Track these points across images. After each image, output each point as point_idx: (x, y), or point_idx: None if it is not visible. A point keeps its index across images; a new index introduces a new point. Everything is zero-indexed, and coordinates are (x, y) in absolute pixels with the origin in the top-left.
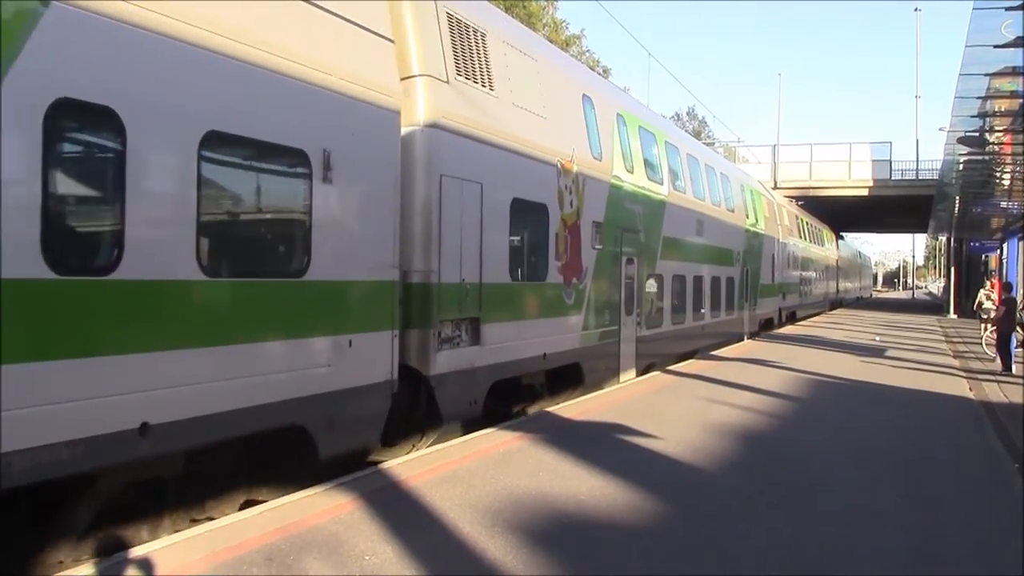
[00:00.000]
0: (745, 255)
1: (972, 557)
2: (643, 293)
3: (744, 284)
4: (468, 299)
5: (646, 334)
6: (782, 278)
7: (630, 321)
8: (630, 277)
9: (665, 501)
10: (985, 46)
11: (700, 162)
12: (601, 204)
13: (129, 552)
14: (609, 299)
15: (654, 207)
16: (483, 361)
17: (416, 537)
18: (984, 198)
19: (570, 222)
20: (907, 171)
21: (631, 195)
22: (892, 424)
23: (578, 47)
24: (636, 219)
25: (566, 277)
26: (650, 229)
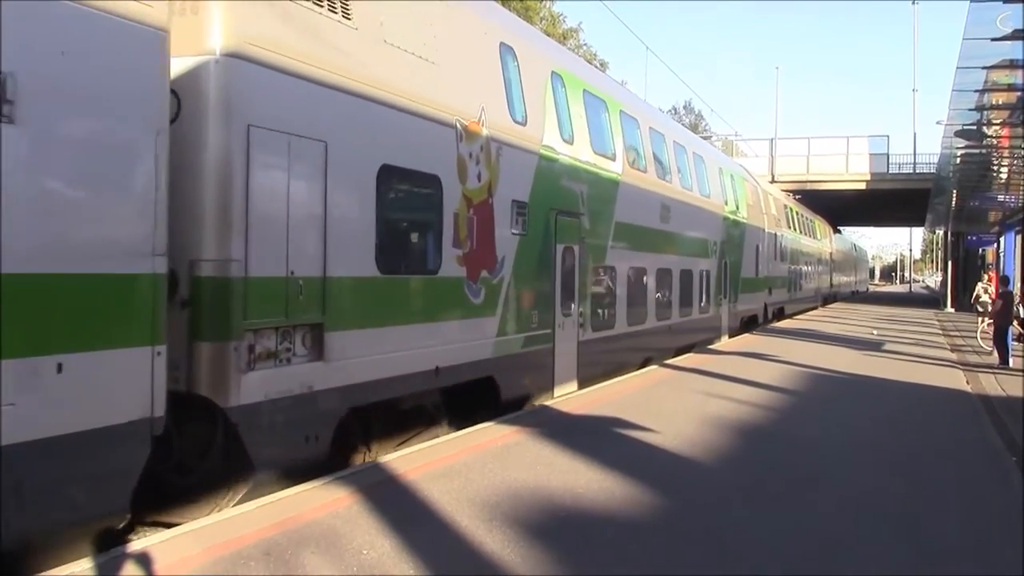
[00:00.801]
0: (724, 246)
1: (971, 551)
2: (588, 289)
3: (722, 278)
4: (302, 299)
5: (592, 338)
6: (769, 271)
7: (569, 323)
8: (569, 270)
9: (663, 494)
10: (983, 39)
11: (667, 139)
12: (525, 180)
13: (127, 547)
14: (538, 297)
15: (604, 188)
16: (329, 382)
17: (414, 531)
18: (981, 192)
19: (477, 200)
20: (904, 165)
21: (570, 171)
22: (890, 418)
23: (575, 40)
24: (577, 200)
25: (471, 270)
26: (598, 213)
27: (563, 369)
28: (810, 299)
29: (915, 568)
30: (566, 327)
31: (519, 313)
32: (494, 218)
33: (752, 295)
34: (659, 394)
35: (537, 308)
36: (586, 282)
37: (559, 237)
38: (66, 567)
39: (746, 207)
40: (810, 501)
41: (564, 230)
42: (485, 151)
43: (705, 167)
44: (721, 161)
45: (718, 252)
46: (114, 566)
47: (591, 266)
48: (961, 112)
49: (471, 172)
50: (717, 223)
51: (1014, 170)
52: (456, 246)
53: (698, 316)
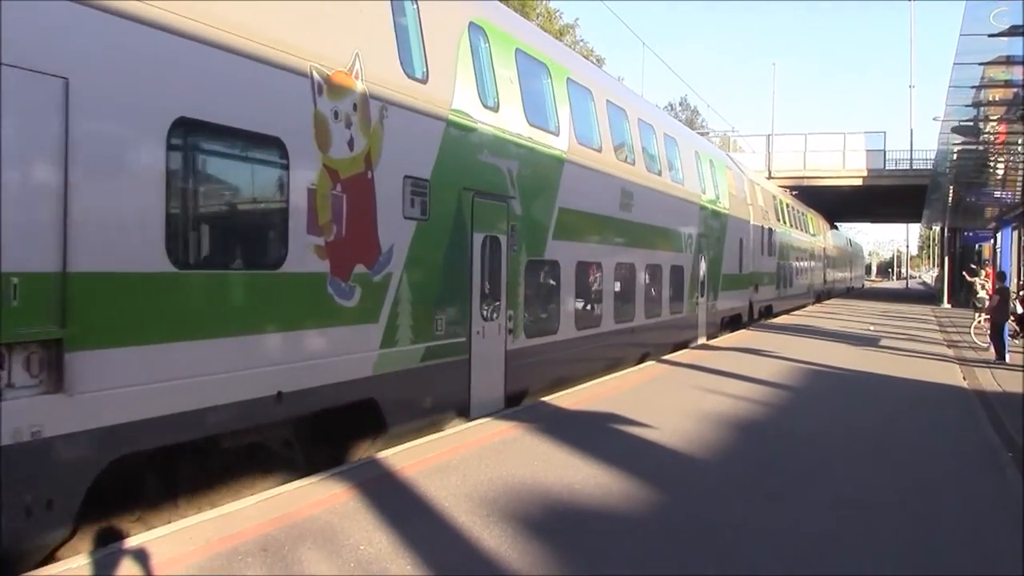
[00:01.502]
0: (701, 239)
1: (968, 546)
2: (520, 288)
3: (699, 274)
4: (17, 304)
5: (526, 345)
6: (755, 267)
7: (492, 329)
8: (493, 265)
9: (659, 490)
10: (979, 35)
11: (629, 116)
12: (426, 151)
13: (124, 543)
14: (446, 298)
15: (543, 167)
16: (73, 422)
17: (411, 527)
18: (978, 188)
19: (347, 173)
20: (901, 161)
21: (494, 144)
22: (887, 413)
23: (572, 37)
24: (504, 180)
25: (338, 264)
26: (533, 197)
27: (484, 384)
28: (802, 296)
29: (913, 563)
30: (488, 334)
31: (416, 318)
32: (375, 198)
33: (735, 292)
34: (655, 390)
35: (445, 311)
36: (518, 279)
37: (478, 224)
38: (63, 563)
39: (728, 197)
40: (807, 496)
41: (485, 216)
42: (361, 112)
43: (678, 151)
44: (698, 145)
45: (694, 246)
46: (111, 562)
47: (525, 260)
48: (958, 108)
49: (337, 137)
50: (692, 214)
51: (1010, 166)
52: (313, 232)
53: (669, 317)
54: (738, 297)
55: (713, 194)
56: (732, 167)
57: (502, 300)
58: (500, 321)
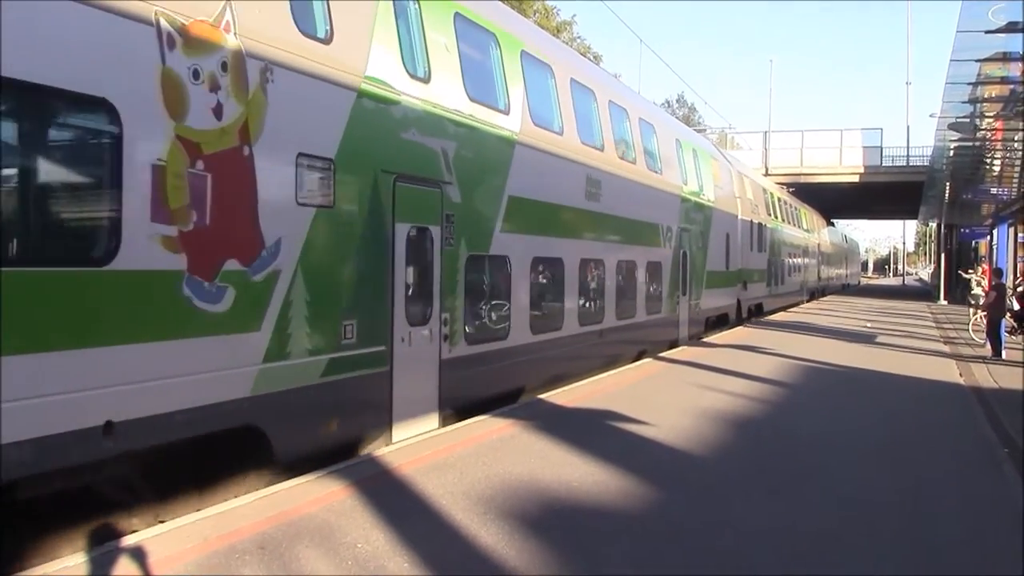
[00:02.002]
0: (682, 233)
1: (966, 543)
2: (458, 288)
3: (681, 271)
4: None
5: (466, 354)
6: (744, 263)
7: (422, 336)
8: (422, 261)
9: (657, 487)
10: (976, 32)
11: (598, 98)
12: (327, 125)
13: (121, 541)
14: (357, 300)
15: (488, 149)
16: None
17: (409, 525)
18: (974, 184)
19: (212, 148)
20: (898, 158)
21: (423, 121)
22: (884, 410)
23: (569, 34)
24: (437, 163)
25: (199, 259)
26: (475, 183)
27: (409, 400)
28: (794, 293)
29: (911, 561)
30: (417, 341)
31: (316, 325)
32: (255, 179)
33: (721, 290)
34: (653, 387)
35: (356, 316)
36: (455, 278)
37: (402, 214)
38: (60, 561)
39: (713, 189)
40: (804, 493)
41: (411, 204)
42: (235, 73)
43: (656, 138)
44: (680, 133)
45: (674, 240)
46: (109, 560)
47: (466, 255)
48: (955, 105)
49: (197, 102)
50: (672, 206)
51: (1007, 162)
52: (160, 220)
53: (645, 318)
54: (725, 295)
55: (696, 185)
56: (718, 158)
57: (435, 302)
58: (433, 326)
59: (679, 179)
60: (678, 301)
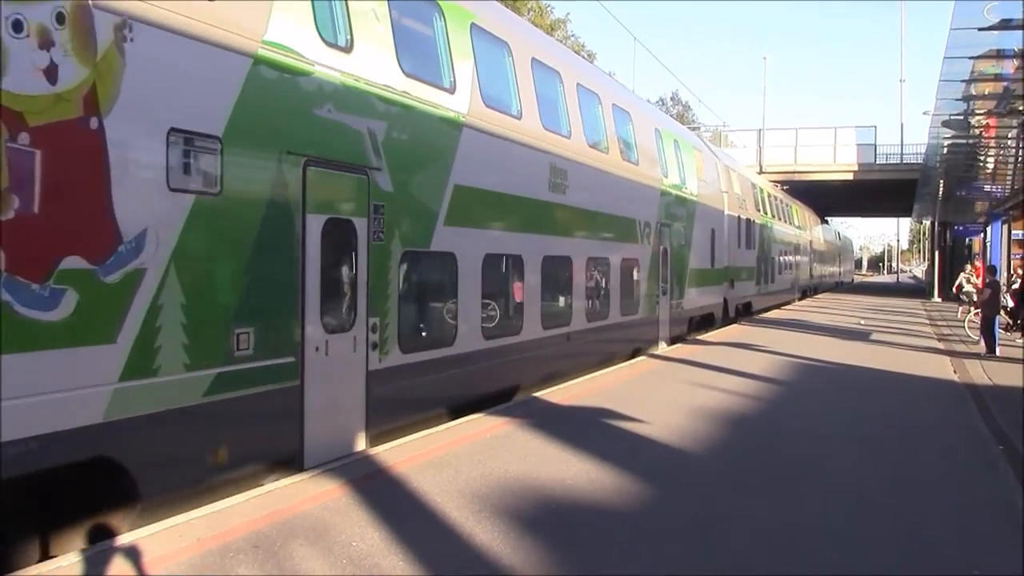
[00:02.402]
0: (662, 229)
1: (961, 540)
2: (391, 289)
3: (660, 269)
4: None
5: (401, 364)
6: (731, 261)
7: (343, 343)
8: (343, 257)
9: (651, 485)
10: (970, 29)
11: (564, 80)
12: (211, 96)
13: (115, 540)
14: (253, 302)
15: (426, 131)
16: None
17: (404, 523)
18: (968, 182)
19: (45, 118)
20: (892, 155)
21: (341, 95)
22: (878, 407)
23: (563, 32)
24: (360, 145)
25: (23, 254)
26: (412, 169)
27: (326, 419)
28: (785, 292)
29: (906, 556)
30: (336, 350)
31: (195, 333)
32: (107, 159)
33: (706, 289)
34: (648, 384)
35: (253, 322)
36: (387, 277)
37: (316, 203)
38: (54, 561)
39: (697, 182)
40: (798, 491)
41: (328, 192)
42: (77, 28)
43: (632, 126)
44: (660, 122)
45: (653, 236)
46: (103, 559)
47: (400, 252)
48: (948, 102)
49: (19, 61)
50: (651, 199)
51: (1000, 160)
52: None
53: (619, 319)
54: (710, 294)
55: (678, 178)
56: (703, 150)
57: (360, 305)
58: (357, 332)
59: (659, 171)
60: (658, 301)
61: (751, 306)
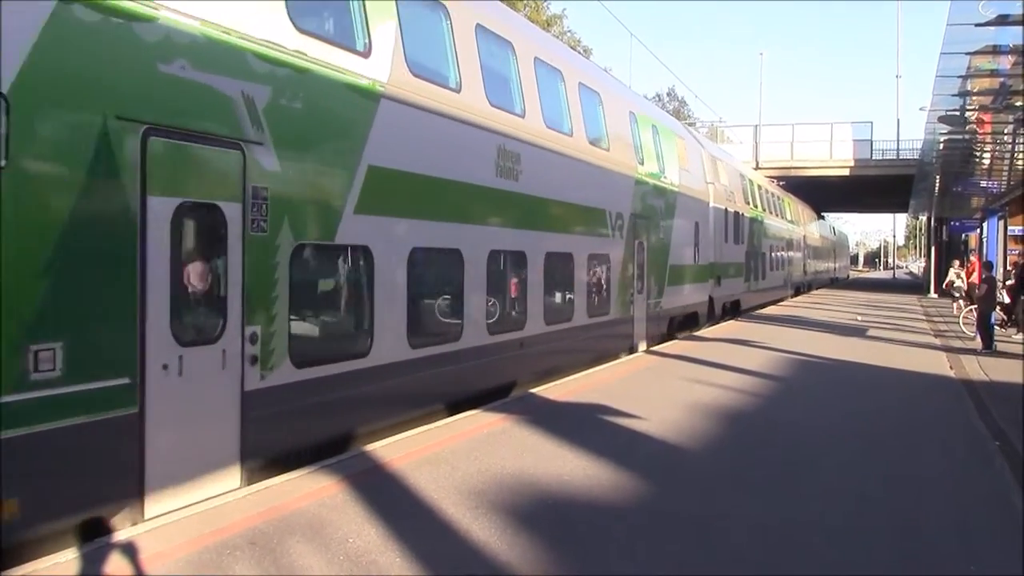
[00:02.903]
0: (637, 221)
1: (958, 535)
2: (274, 291)
3: (636, 265)
4: None
5: (292, 381)
6: (717, 256)
7: (206, 360)
8: (207, 252)
9: (649, 481)
10: (966, 25)
11: (518, 52)
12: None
13: (112, 537)
14: (63, 310)
15: (330, 100)
16: None
17: (400, 519)
18: (964, 177)
19: None
20: (888, 151)
21: (203, 49)
22: (875, 403)
23: (559, 27)
24: (231, 112)
25: None
26: (310, 145)
27: (180, 456)
28: (778, 288)
29: (902, 553)
30: (195, 367)
31: None
32: None
33: (688, 287)
34: (644, 381)
35: (61, 335)
36: (272, 276)
37: (161, 183)
38: (50, 558)
39: (679, 172)
40: (795, 487)
41: (180, 169)
42: None
43: (602, 108)
44: (635, 105)
45: (626, 229)
46: (99, 556)
47: (290, 245)
48: (944, 98)
49: None
50: (623, 189)
51: (996, 155)
52: None
53: (586, 322)
54: (693, 292)
55: (656, 167)
56: (686, 138)
57: (231, 310)
58: (228, 344)
59: (633, 158)
60: (632, 300)
61: (740, 304)
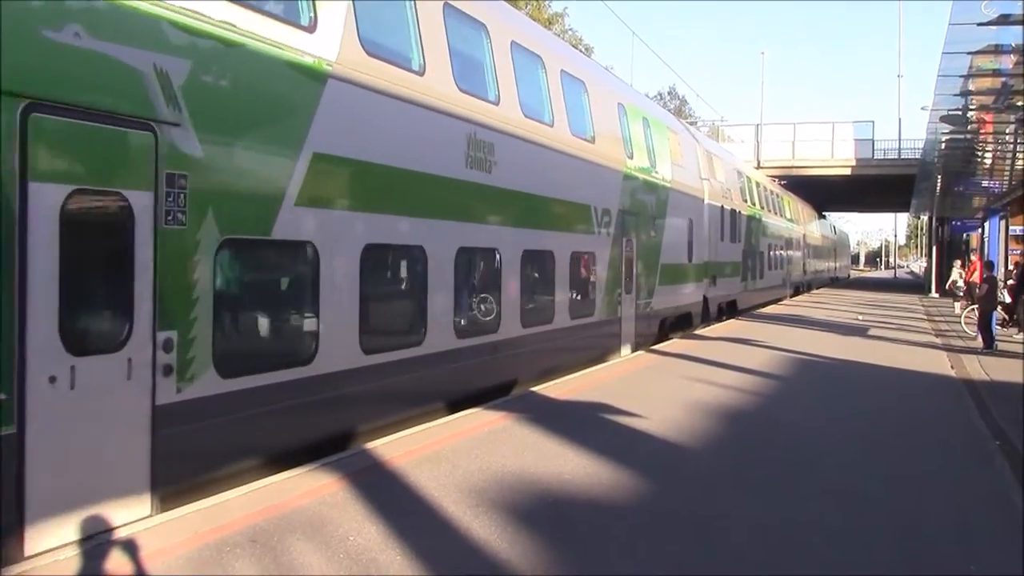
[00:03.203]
0: (626, 218)
1: (958, 535)
2: (194, 290)
3: (624, 264)
4: None
5: (213, 393)
6: (712, 255)
7: (106, 371)
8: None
9: (649, 479)
10: (968, 24)
11: (490, 34)
12: None
13: (112, 534)
14: None
15: (264, 78)
16: None
17: (401, 517)
18: (966, 177)
19: None
20: (890, 151)
21: (95, 16)
22: (875, 402)
23: (561, 26)
24: (135, 88)
25: None
26: (239, 128)
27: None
28: (776, 288)
29: (902, 552)
30: (92, 379)
31: None
32: None
33: (681, 287)
34: (645, 379)
35: None
36: (191, 275)
37: (45, 168)
38: (51, 554)
39: (671, 167)
40: (796, 487)
41: (71, 151)
42: None
43: (587, 98)
44: (624, 96)
45: (614, 226)
46: (100, 553)
47: (215, 240)
48: (946, 97)
49: None
50: (611, 184)
51: (998, 155)
52: None
53: (569, 323)
54: (686, 292)
55: (646, 161)
56: (680, 132)
57: (140, 313)
58: (134, 353)
59: (621, 151)
60: (620, 300)
61: (736, 304)
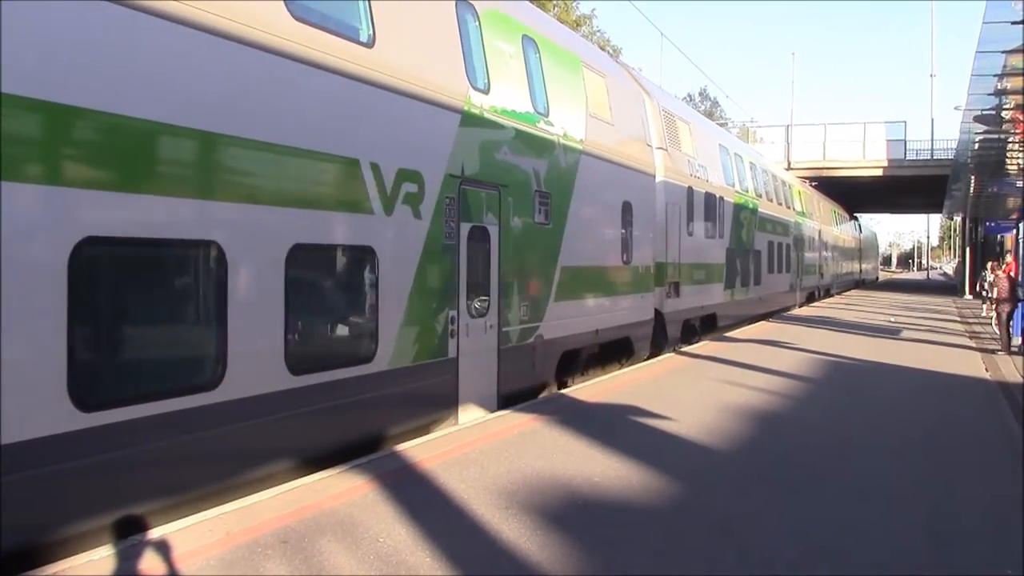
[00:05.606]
0: (469, 192)
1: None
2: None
3: (455, 266)
4: None
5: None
6: (672, 255)
7: None
8: None
9: (680, 483)
10: (1003, 23)
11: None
12: None
13: (146, 535)
14: None
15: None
16: None
17: (430, 519)
18: (1000, 177)
19: None
20: (922, 151)
21: None
22: (908, 405)
23: (589, 27)
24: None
25: None
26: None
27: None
28: (780, 295)
29: (935, 557)
30: None
31: None
32: None
33: (606, 301)
34: (675, 382)
35: None
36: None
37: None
38: (85, 555)
39: (587, 122)
40: (827, 489)
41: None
42: None
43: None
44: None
45: (434, 203)
46: (133, 554)
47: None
48: (980, 97)
49: None
50: (423, 126)
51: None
52: None
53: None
54: (618, 308)
55: (527, 103)
56: (614, 74)
57: None
58: None
59: (456, 79)
60: (454, 328)
61: (716, 319)
